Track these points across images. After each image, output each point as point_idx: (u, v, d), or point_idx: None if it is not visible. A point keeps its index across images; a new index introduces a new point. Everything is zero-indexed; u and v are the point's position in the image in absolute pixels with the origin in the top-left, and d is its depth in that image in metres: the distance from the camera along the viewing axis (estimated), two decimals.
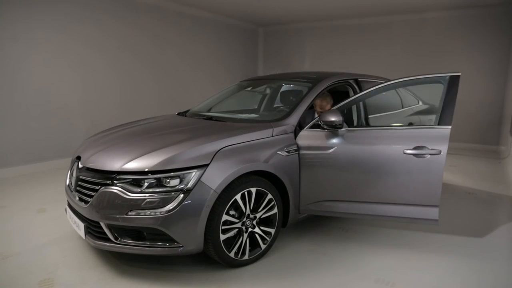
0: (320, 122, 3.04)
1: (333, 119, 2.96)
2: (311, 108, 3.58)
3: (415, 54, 8.09)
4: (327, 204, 3.12)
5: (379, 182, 3.02)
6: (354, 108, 3.69)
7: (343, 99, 3.24)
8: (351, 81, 3.79)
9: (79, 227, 2.71)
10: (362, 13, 8.03)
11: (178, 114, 3.99)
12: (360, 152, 3.03)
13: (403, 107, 4.32)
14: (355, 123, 3.56)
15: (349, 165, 3.05)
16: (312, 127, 3.13)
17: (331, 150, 3.03)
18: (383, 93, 4.21)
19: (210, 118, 3.51)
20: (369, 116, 3.74)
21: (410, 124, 4.18)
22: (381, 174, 3.00)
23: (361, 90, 3.80)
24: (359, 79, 3.87)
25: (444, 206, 4.20)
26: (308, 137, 3.09)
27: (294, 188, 3.02)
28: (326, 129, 3.05)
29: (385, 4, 7.17)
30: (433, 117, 3.02)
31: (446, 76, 3.01)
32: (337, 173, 3.08)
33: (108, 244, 2.55)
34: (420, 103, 4.74)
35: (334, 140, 3.05)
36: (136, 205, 2.40)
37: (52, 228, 3.45)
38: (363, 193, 3.07)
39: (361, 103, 3.58)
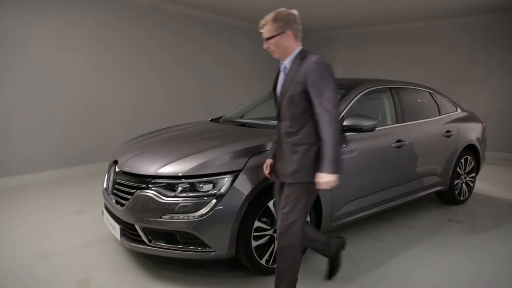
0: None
1: (346, 123, 2.97)
2: None
3: (449, 62, 7.82)
4: (355, 202, 3.22)
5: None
6: (387, 113, 3.64)
7: (378, 106, 3.17)
8: (385, 88, 3.72)
9: (115, 229, 2.78)
10: (394, 18, 7.87)
11: (211, 120, 4.03)
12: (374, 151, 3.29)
13: (440, 115, 4.21)
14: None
15: (369, 164, 3.28)
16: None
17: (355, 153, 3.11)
18: (419, 100, 4.14)
19: (243, 125, 3.53)
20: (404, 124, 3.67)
21: (448, 132, 4.08)
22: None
23: (397, 97, 3.73)
24: (394, 86, 3.79)
25: (484, 220, 4.00)
26: None
27: (327, 195, 2.97)
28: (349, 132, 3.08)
29: (419, 9, 6.99)
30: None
31: None
32: (360, 173, 3.22)
33: (142, 246, 2.60)
34: (459, 110, 4.58)
35: (357, 143, 3.12)
36: (170, 209, 2.44)
37: (89, 230, 3.57)
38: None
39: (393, 108, 3.61)
